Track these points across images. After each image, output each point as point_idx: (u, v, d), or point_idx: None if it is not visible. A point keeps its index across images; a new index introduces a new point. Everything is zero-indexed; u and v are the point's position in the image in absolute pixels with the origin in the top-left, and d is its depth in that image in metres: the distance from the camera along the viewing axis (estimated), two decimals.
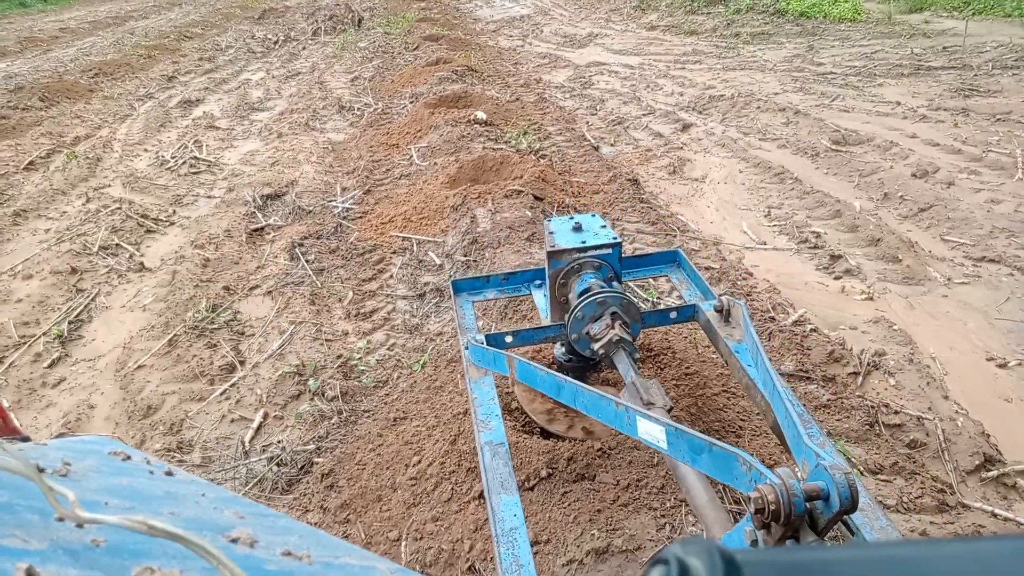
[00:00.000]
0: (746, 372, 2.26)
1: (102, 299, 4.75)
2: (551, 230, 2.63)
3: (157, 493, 0.70)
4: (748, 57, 10.57)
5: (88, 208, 6.30)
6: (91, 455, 0.73)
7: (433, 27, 13.90)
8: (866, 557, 0.43)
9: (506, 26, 15.22)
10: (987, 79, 7.85)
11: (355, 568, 0.67)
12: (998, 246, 4.42)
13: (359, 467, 2.85)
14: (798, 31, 11.90)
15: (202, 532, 0.58)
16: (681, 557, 0.39)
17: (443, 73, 9.50)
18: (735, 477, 1.48)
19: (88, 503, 0.57)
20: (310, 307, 4.31)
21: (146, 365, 3.88)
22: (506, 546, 1.80)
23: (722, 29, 12.77)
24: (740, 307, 2.46)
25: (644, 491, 2.30)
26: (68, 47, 15.63)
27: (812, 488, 1.31)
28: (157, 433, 3.30)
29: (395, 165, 6.78)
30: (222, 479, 2.99)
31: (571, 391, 2.00)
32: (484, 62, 11.19)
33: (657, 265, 3.03)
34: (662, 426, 1.68)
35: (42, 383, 3.87)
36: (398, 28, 14.20)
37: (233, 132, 8.71)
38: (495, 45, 13.28)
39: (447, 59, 10.55)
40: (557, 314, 2.63)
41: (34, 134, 8.99)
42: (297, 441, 3.14)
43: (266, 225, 5.64)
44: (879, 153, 6.02)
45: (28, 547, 0.51)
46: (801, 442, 1.58)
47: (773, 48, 11.05)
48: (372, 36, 13.94)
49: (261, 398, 3.48)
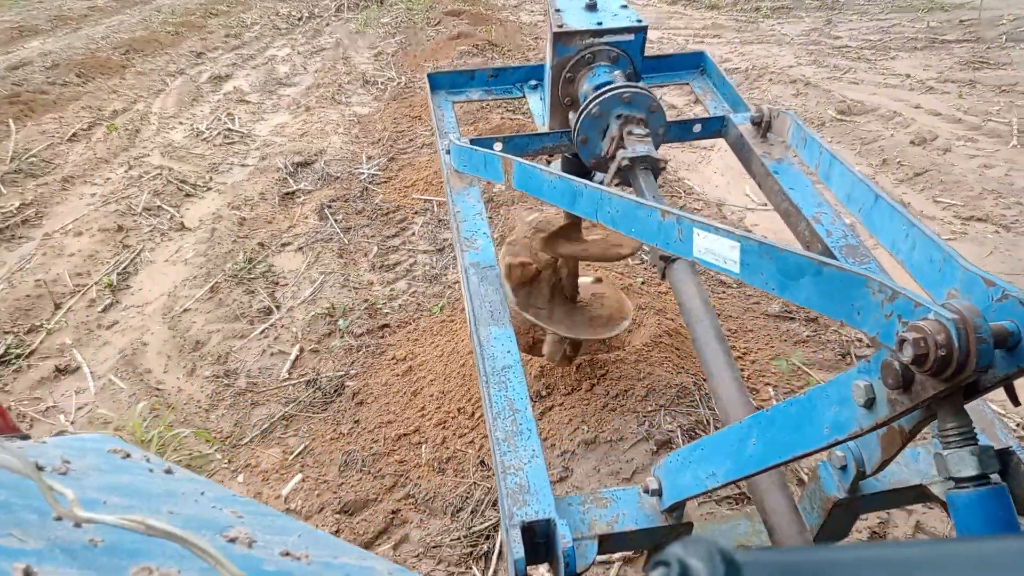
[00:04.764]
0: (787, 196, 1.90)
1: (147, 254, 5.16)
2: (558, 7, 2.12)
3: (156, 491, 0.69)
4: (767, 31, 10.70)
5: (130, 175, 6.71)
6: (91, 453, 0.73)
7: (455, 3, 14.11)
8: (869, 558, 0.42)
9: (527, 1, 15.40)
10: (999, 52, 7.97)
11: (353, 568, 0.67)
12: (986, 206, 4.66)
13: (384, 386, 3.22)
14: (817, 5, 11.98)
15: (200, 531, 0.59)
16: (682, 558, 0.39)
17: (464, 47, 9.78)
18: (858, 311, 0.99)
19: (87, 501, 0.57)
20: (338, 260, 4.67)
21: (191, 309, 4.28)
22: (497, 387, 1.54)
23: (742, 3, 12.86)
24: (789, 118, 2.00)
25: (630, 399, 2.65)
26: (97, 25, 16.06)
27: (998, 329, 0.87)
28: (206, 363, 3.69)
29: (418, 135, 7.10)
30: (266, 399, 3.37)
31: (593, 198, 1.54)
32: (505, 36, 11.42)
33: (677, 71, 2.57)
34: (735, 240, 1.17)
35: (97, 325, 4.28)
36: (420, 3, 14.44)
37: (263, 106, 9.07)
38: (516, 20, 13.49)
39: (468, 33, 10.81)
40: (558, 119, 2.19)
41: (75, 108, 9.42)
42: (330, 369, 3.52)
43: (297, 189, 6.01)
44: (882, 123, 6.23)
45: (26, 547, 0.51)
46: (953, 263, 1.09)
47: (792, 22, 11.16)
48: (395, 12, 14.21)
49: (296, 335, 3.87)
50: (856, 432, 0.97)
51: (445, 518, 2.55)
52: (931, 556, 0.42)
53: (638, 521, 1.43)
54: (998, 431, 1.48)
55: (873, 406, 0.95)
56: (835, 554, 0.43)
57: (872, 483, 1.46)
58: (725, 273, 1.22)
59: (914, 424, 1.03)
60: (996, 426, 1.49)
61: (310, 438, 3.12)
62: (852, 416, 0.97)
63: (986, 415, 1.51)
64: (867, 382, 0.96)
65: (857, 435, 0.98)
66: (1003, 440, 1.45)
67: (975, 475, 0.95)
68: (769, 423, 1.11)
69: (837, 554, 0.43)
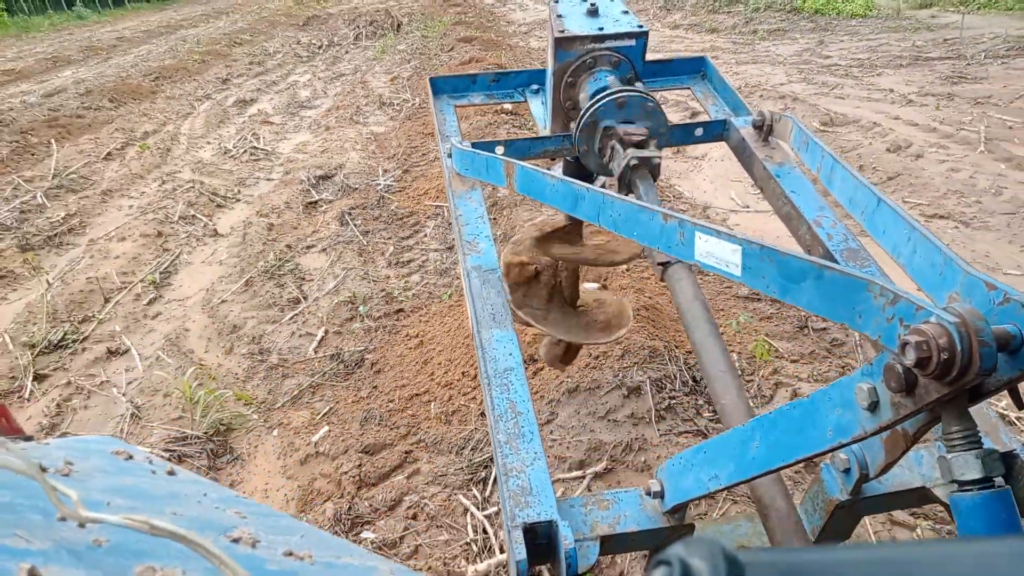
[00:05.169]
0: (789, 199, 1.92)
1: (185, 256, 5.68)
2: (559, 12, 2.15)
3: (159, 493, 0.70)
4: (762, 52, 11.22)
5: (165, 188, 7.28)
6: (94, 455, 0.73)
7: (467, 30, 14.79)
8: (871, 558, 0.42)
9: (537, 28, 16.05)
10: (977, 68, 8.43)
11: (357, 568, 0.68)
12: (949, 205, 5.09)
13: (399, 358, 3.69)
14: (811, 27, 12.51)
15: (204, 532, 0.59)
16: (684, 558, 0.38)
17: (475, 71, 10.37)
18: (860, 315, 1.01)
19: (91, 502, 0.58)
20: (358, 258, 5.17)
21: (228, 300, 4.77)
22: (499, 389, 1.57)
23: (741, 27, 13.43)
24: (791, 122, 2.00)
25: (609, 360, 3.09)
26: (126, 54, 16.90)
27: (1000, 333, 0.89)
28: (242, 343, 4.18)
29: (430, 151, 7.63)
30: (295, 372, 3.85)
31: (595, 202, 1.55)
32: (514, 60, 12.01)
33: (679, 75, 2.60)
34: (736, 244, 1.19)
35: (143, 315, 4.78)
36: (435, 31, 15.13)
37: (285, 127, 9.67)
38: (525, 46, 14.11)
39: (480, 59, 11.41)
40: (560, 123, 2.22)
41: (109, 130, 10.06)
42: (352, 346, 3.99)
43: (319, 199, 6.53)
44: (862, 132, 6.69)
45: (31, 547, 0.52)
46: (954, 266, 1.11)
47: (787, 43, 11.69)
48: (410, 39, 14.90)
49: (322, 320, 4.35)
50: (859, 435, 0.98)
51: (450, 455, 3.00)
52: (933, 556, 0.42)
53: (640, 522, 1.45)
54: (1002, 434, 1.48)
55: (876, 409, 0.95)
56: (837, 554, 0.43)
57: (874, 485, 1.47)
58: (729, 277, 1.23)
59: (918, 427, 1.04)
60: (1000, 429, 1.49)
61: (334, 401, 3.58)
62: (855, 419, 0.98)
63: (989, 418, 1.50)
64: (870, 385, 0.95)
65: (861, 438, 0.98)
66: (1007, 443, 1.45)
67: (979, 478, 0.95)
68: (772, 426, 1.12)
69: (839, 554, 0.42)
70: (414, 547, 2.54)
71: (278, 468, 3.15)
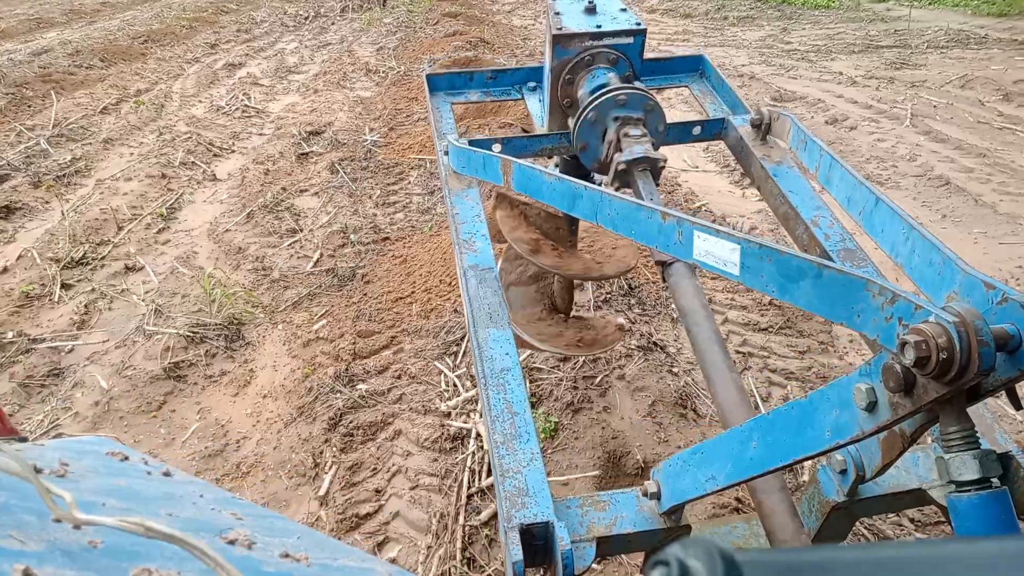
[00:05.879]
0: (786, 199, 1.91)
1: (188, 196, 6.21)
2: (557, 10, 2.13)
3: (155, 494, 0.70)
4: (730, 36, 11.90)
5: (163, 138, 7.77)
6: (89, 456, 0.73)
7: (453, 5, 15.26)
8: (869, 558, 0.41)
9: (520, 7, 16.58)
10: (919, 56, 9.19)
11: (353, 570, 0.67)
12: (869, 168, 5.81)
13: (386, 272, 4.31)
14: (778, 15, 13.22)
15: (200, 533, 0.58)
16: (681, 558, 0.38)
17: (459, 43, 10.91)
18: (858, 314, 1.01)
19: (86, 504, 0.58)
20: (348, 200, 5.76)
21: (231, 229, 5.35)
22: (495, 389, 1.55)
23: (713, 13, 14.09)
24: (789, 120, 1.97)
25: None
26: (111, 19, 17.07)
27: (999, 333, 0.87)
28: (247, 262, 4.77)
29: (414, 112, 8.20)
30: (295, 285, 4.45)
31: (593, 200, 1.54)
32: (496, 35, 12.56)
33: (676, 73, 2.57)
34: (735, 243, 1.19)
35: (155, 241, 5.33)
36: (420, 6, 15.59)
37: (274, 89, 10.14)
38: (508, 23, 14.64)
39: (463, 32, 11.95)
40: (557, 121, 2.21)
41: (102, 87, 10.46)
42: (344, 264, 4.61)
43: (310, 151, 7.09)
44: (807, 107, 7.39)
45: (25, 548, 0.51)
46: (953, 266, 1.12)
47: (754, 30, 12.38)
48: (396, 13, 15.36)
49: (317, 245, 4.95)
50: (858, 436, 0.97)
51: (428, 338, 3.65)
52: (931, 556, 0.42)
53: (636, 523, 1.44)
54: (998, 435, 1.47)
55: (875, 409, 0.94)
56: (835, 554, 0.42)
57: (871, 487, 1.47)
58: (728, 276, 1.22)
59: (915, 428, 1.04)
60: (996, 430, 1.48)
61: (330, 306, 4.19)
62: (853, 419, 0.98)
63: (986, 419, 1.49)
64: (868, 385, 0.95)
65: (859, 439, 0.98)
66: (1003, 444, 1.45)
67: (977, 479, 0.96)
68: (770, 426, 1.11)
69: (837, 554, 0.42)
70: (399, 395, 3.18)
71: (284, 351, 3.76)
